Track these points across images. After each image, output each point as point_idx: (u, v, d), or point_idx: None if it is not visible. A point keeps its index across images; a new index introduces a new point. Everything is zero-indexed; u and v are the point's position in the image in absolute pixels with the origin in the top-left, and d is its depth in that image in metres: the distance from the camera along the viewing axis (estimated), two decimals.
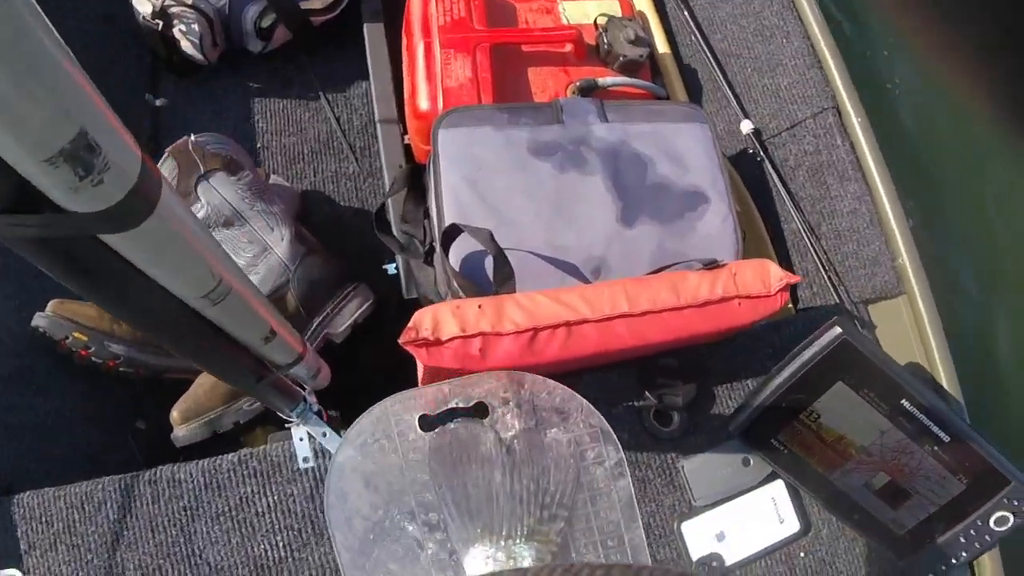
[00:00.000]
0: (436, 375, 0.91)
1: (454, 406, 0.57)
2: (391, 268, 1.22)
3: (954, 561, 1.00)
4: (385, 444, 0.57)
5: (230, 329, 0.55)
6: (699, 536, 1.05)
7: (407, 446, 0.59)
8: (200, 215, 1.08)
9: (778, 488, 1.08)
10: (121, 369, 1.13)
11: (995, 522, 0.97)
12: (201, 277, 0.45)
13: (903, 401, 0.93)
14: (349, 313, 1.17)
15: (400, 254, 1.14)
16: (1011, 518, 0.96)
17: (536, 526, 0.48)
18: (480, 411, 0.60)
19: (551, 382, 0.58)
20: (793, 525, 1.08)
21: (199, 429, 1.12)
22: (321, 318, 1.15)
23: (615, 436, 0.53)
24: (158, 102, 1.39)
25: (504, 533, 0.49)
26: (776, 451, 1.00)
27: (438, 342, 0.85)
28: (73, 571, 0.97)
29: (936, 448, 0.94)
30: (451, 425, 0.59)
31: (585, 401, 0.55)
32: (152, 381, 1.17)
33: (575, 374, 1.06)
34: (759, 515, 1.07)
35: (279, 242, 1.13)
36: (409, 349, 0.85)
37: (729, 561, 1.05)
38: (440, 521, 0.55)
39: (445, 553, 0.54)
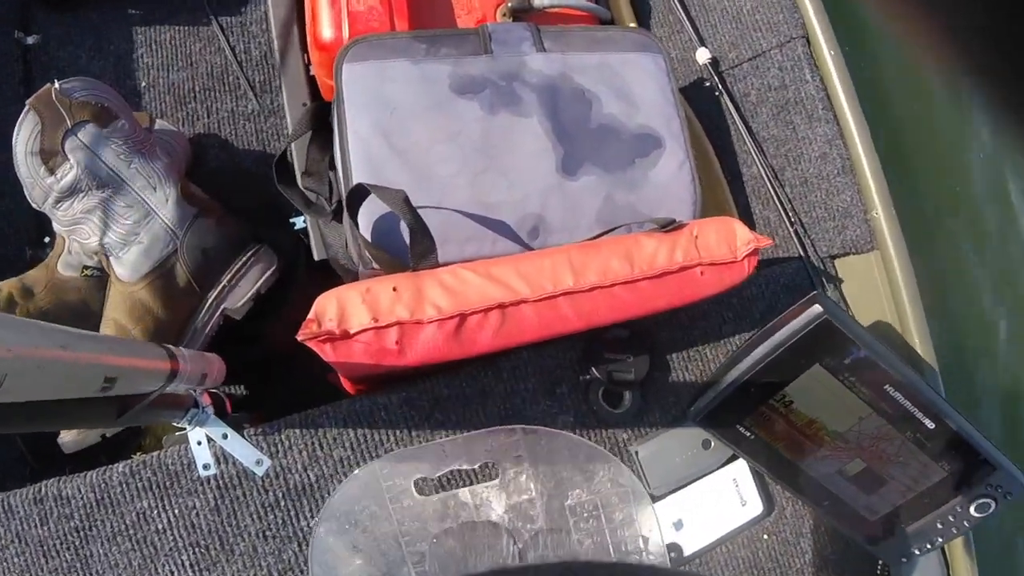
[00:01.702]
0: (348, 370, 0.77)
1: (456, 468, 0.44)
2: (299, 222, 1.06)
3: (928, 546, 0.93)
4: (376, 511, 0.45)
5: (36, 399, 0.39)
6: None
7: (402, 513, 0.48)
8: (69, 178, 0.90)
9: (740, 468, 0.98)
10: None
11: (976, 508, 0.89)
12: None
13: (887, 387, 0.82)
14: (249, 283, 1.00)
15: (305, 211, 0.98)
16: (992, 504, 0.88)
17: None
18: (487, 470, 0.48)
19: (573, 436, 0.46)
20: (756, 507, 0.99)
21: (86, 435, 0.97)
22: (217, 292, 0.98)
23: (646, 494, 0.42)
24: (29, 40, 1.19)
25: None
26: (741, 437, 0.89)
27: (345, 335, 0.70)
28: None
29: (919, 435, 0.84)
30: (456, 496, 0.47)
31: (614, 458, 0.46)
32: None
33: (511, 351, 0.93)
34: (720, 498, 0.97)
35: (163, 204, 0.95)
36: (310, 345, 0.70)
37: (689, 550, 0.95)
38: None
39: None
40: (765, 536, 1.01)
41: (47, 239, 1.10)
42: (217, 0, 1.22)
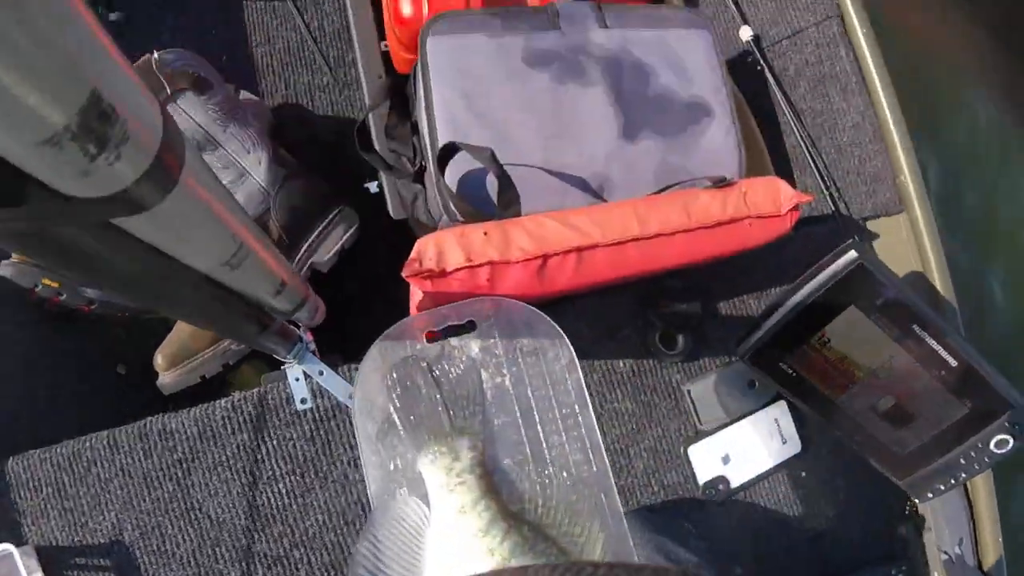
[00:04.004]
0: (435, 302, 0.86)
1: (451, 324, 0.61)
2: (373, 187, 1.15)
3: (952, 481, 1.01)
4: (400, 352, 0.61)
5: (243, 289, 0.49)
6: (705, 459, 1.05)
7: (415, 353, 0.62)
8: None
9: (780, 409, 1.07)
10: (97, 313, 1.05)
11: (995, 444, 0.97)
12: (224, 245, 0.39)
13: (914, 326, 0.91)
14: (335, 240, 1.11)
15: (387, 173, 1.07)
16: (1011, 441, 0.96)
17: (463, 424, 0.54)
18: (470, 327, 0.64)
19: (519, 302, 0.63)
20: (795, 445, 1.08)
21: (187, 375, 1.07)
22: (307, 246, 1.08)
23: (568, 341, 0.60)
24: (113, 16, 1.27)
25: (446, 433, 0.54)
26: (783, 374, 0.98)
27: (443, 273, 0.80)
28: (68, 536, 0.93)
29: (943, 372, 0.93)
30: (448, 341, 0.62)
31: (546, 316, 0.60)
32: (131, 321, 1.11)
33: (578, 298, 1.02)
34: (762, 436, 1.07)
35: (256, 165, 1.05)
36: (412, 282, 0.80)
37: (735, 483, 1.05)
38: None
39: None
40: (803, 473, 1.11)
41: None
42: None
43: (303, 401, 0.97)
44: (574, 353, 0.56)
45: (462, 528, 0.49)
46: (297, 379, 0.96)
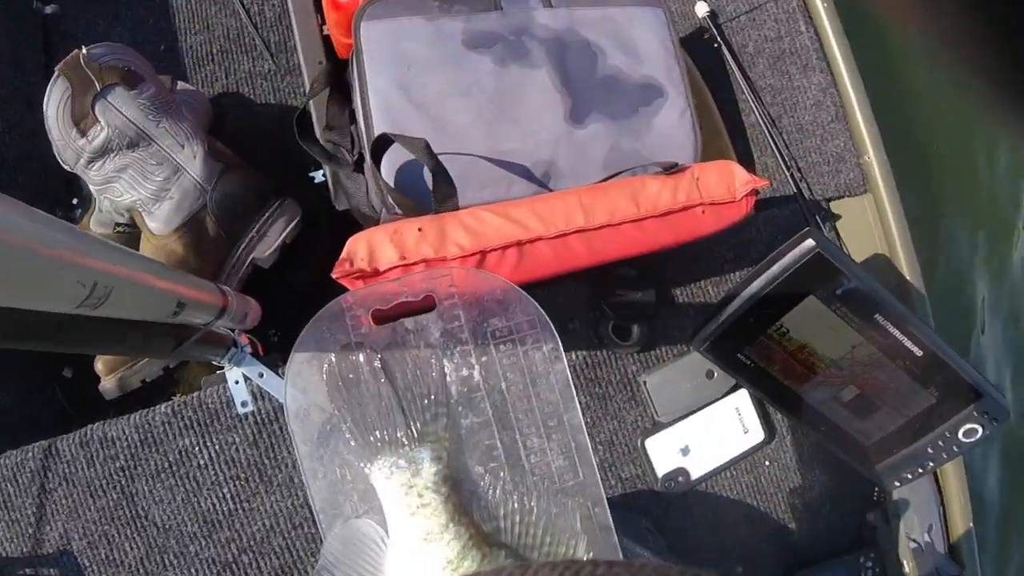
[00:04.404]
0: None
1: (404, 300, 0.50)
2: (318, 176, 1.11)
3: (920, 470, 0.98)
4: (340, 338, 0.50)
5: (126, 317, 0.45)
6: (664, 452, 1.01)
7: (360, 338, 0.51)
8: (101, 139, 0.95)
9: (742, 397, 1.04)
10: None
11: (964, 434, 0.94)
12: (66, 291, 0.35)
13: (876, 316, 0.87)
14: (276, 233, 1.06)
15: (326, 163, 1.03)
16: (980, 430, 0.94)
17: (423, 428, 0.46)
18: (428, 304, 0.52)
19: (492, 274, 0.51)
20: (757, 435, 1.05)
21: (127, 380, 1.02)
22: (246, 242, 1.04)
23: (551, 324, 0.50)
24: (48, 9, 1.22)
25: (403, 440, 0.46)
26: (742, 366, 0.94)
27: (376, 272, 0.76)
28: (16, 547, 0.92)
29: (908, 362, 0.90)
30: (402, 323, 0.50)
31: (523, 292, 0.49)
32: None
33: (526, 289, 0.98)
34: (723, 426, 1.04)
35: (191, 160, 1.00)
36: (343, 282, 0.76)
37: (695, 475, 1.02)
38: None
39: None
40: (767, 462, 1.08)
41: (75, 201, 1.15)
42: None
43: (244, 404, 0.94)
44: (559, 339, 0.47)
45: (428, 558, 0.43)
46: (237, 382, 0.93)
